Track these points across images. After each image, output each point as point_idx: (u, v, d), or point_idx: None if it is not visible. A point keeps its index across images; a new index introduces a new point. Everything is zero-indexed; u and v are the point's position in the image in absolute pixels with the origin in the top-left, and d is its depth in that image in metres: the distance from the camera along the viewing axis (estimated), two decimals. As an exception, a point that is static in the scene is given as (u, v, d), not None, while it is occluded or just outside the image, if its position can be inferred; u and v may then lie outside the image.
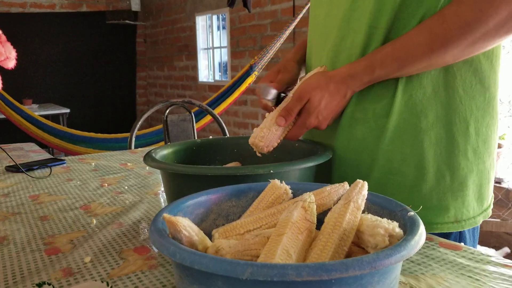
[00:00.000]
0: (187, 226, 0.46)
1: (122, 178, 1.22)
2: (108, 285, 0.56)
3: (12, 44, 0.82)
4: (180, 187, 0.74)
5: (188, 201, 0.55)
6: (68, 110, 4.97)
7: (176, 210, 0.52)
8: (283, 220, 0.45)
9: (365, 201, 0.49)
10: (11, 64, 0.81)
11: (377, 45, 0.72)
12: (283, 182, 0.58)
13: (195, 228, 0.47)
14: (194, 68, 5.78)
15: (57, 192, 1.09)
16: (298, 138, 0.78)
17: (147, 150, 1.66)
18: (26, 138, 3.33)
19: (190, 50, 5.82)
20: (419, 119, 0.72)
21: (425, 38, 0.66)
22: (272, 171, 0.67)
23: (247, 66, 3.54)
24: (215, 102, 3.65)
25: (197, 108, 2.47)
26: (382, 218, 0.47)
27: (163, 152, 0.85)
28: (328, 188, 0.55)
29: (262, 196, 0.57)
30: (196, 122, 2.59)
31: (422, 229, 0.44)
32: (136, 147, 2.09)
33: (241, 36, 4.82)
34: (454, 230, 0.74)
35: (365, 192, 0.50)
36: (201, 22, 5.62)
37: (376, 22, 0.71)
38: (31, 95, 5.48)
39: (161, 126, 2.62)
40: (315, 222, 0.47)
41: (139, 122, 2.11)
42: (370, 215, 0.48)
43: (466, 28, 0.64)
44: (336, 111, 0.75)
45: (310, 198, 0.48)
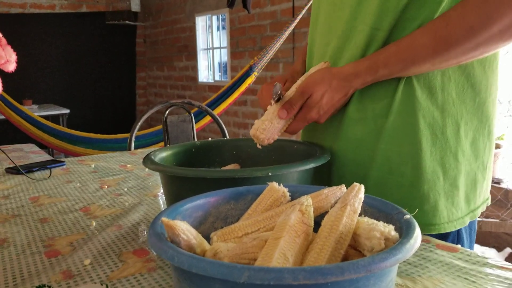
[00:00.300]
0: (186, 230, 0.46)
1: (122, 180, 1.22)
2: (107, 287, 0.57)
3: (12, 44, 0.82)
4: (179, 190, 0.74)
5: (186, 204, 0.55)
6: (68, 111, 4.97)
7: (174, 213, 0.52)
8: (281, 223, 0.46)
9: (362, 204, 0.50)
10: (12, 67, 0.82)
11: (377, 46, 0.73)
12: (281, 184, 0.58)
13: (193, 231, 0.48)
14: (194, 68, 5.78)
15: (56, 194, 1.09)
16: (298, 131, 0.79)
17: (147, 151, 1.67)
18: (26, 139, 3.33)
19: (190, 51, 5.82)
20: (417, 119, 0.72)
21: (429, 40, 0.67)
22: (270, 174, 0.67)
23: (247, 66, 3.54)
24: (215, 103, 3.66)
25: (196, 108, 2.47)
26: (379, 221, 0.47)
27: (162, 154, 0.86)
28: (325, 191, 0.56)
29: (260, 198, 0.58)
30: (196, 122, 2.59)
31: (417, 232, 0.44)
32: (135, 148, 2.09)
33: (240, 36, 4.83)
34: (447, 231, 0.75)
35: (361, 195, 0.50)
36: (201, 22, 5.63)
37: (378, 24, 0.72)
38: (31, 96, 5.48)
39: (160, 127, 2.63)
40: (312, 225, 0.47)
41: (139, 123, 2.11)
42: (366, 218, 0.48)
43: (470, 31, 0.64)
44: (336, 107, 0.76)
45: (307, 201, 0.49)
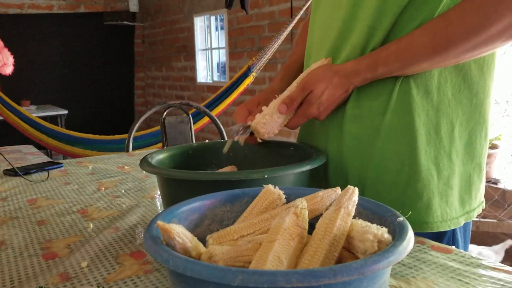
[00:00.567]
0: (181, 233, 0.46)
1: (119, 182, 1.22)
2: (104, 290, 0.57)
3: (10, 45, 0.82)
4: (175, 192, 0.75)
5: (182, 207, 0.56)
6: (66, 112, 4.96)
7: (170, 216, 0.53)
8: (275, 226, 0.46)
9: (356, 206, 0.50)
10: (9, 70, 0.82)
11: (375, 46, 0.74)
12: (277, 187, 0.58)
13: (189, 234, 0.48)
14: (193, 68, 5.78)
15: (54, 196, 1.10)
16: (298, 127, 0.79)
17: (144, 153, 1.67)
18: (24, 140, 3.33)
19: (188, 51, 5.82)
20: (413, 118, 0.73)
21: (429, 40, 0.68)
22: (266, 176, 0.67)
23: (245, 67, 3.54)
24: (214, 103, 3.66)
25: (195, 109, 2.47)
26: (373, 223, 0.48)
27: (159, 156, 0.86)
28: (320, 193, 0.56)
29: (256, 201, 0.58)
30: (194, 123, 2.60)
31: (410, 234, 0.44)
32: (134, 149, 2.09)
33: (239, 37, 4.83)
34: (441, 230, 0.75)
35: (355, 198, 0.51)
36: (199, 23, 5.62)
37: (376, 24, 0.73)
38: (29, 97, 5.47)
39: (159, 128, 2.63)
40: (307, 228, 0.48)
41: (137, 124, 2.12)
42: (360, 221, 0.49)
43: (470, 31, 0.65)
44: (336, 104, 0.77)
45: (302, 204, 0.49)
